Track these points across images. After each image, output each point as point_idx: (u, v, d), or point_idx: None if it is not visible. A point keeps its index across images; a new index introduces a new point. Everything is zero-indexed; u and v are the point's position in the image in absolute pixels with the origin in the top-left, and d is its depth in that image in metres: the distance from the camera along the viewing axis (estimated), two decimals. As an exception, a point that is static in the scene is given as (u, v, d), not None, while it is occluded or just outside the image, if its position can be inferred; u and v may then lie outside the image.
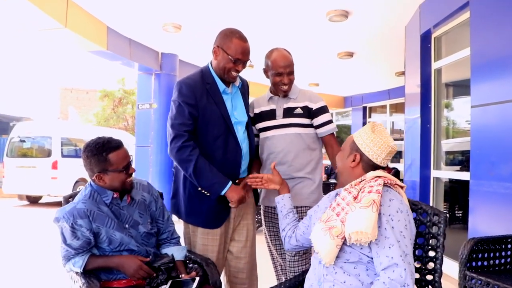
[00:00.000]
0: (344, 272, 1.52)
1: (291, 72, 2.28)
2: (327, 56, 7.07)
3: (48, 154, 10.09)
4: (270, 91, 2.40)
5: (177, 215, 2.27)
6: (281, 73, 2.26)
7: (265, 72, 2.36)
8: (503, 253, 2.47)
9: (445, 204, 4.63)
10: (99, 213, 1.88)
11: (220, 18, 5.12)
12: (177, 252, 2.06)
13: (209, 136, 2.11)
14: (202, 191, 2.10)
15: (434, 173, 4.49)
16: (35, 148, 10.49)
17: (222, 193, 2.06)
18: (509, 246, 2.50)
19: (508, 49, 3.01)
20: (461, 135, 4.78)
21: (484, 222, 3.22)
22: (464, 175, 3.87)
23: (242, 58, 2.08)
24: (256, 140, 2.40)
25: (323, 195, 1.90)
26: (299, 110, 2.31)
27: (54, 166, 9.89)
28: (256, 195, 2.39)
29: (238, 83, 2.25)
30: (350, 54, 6.84)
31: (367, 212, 1.45)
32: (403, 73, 5.48)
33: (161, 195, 2.24)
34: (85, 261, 1.86)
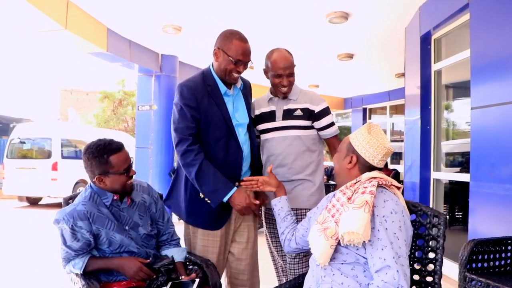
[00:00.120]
0: (342, 274, 1.52)
1: (291, 74, 2.24)
2: (327, 58, 7.08)
3: (48, 156, 10.09)
4: (270, 92, 2.38)
5: (178, 215, 2.27)
6: (281, 75, 2.23)
7: (265, 73, 2.34)
8: (503, 255, 2.47)
9: (445, 206, 4.63)
10: (99, 215, 1.88)
11: (220, 20, 5.13)
12: (177, 254, 2.07)
13: (211, 138, 2.11)
14: (204, 198, 2.09)
15: (434, 175, 4.49)
16: (35, 150, 10.49)
17: (225, 200, 2.03)
18: (509, 248, 2.49)
19: (508, 51, 3.01)
20: (461, 137, 4.78)
21: (484, 224, 3.22)
22: (464, 177, 3.87)
23: (243, 59, 2.08)
24: (258, 141, 2.39)
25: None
26: (299, 112, 2.27)
27: (54, 168, 9.89)
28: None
29: (240, 85, 2.24)
30: (350, 56, 6.85)
31: (360, 213, 1.45)
32: (403, 75, 5.48)
33: (161, 197, 2.24)
34: (85, 263, 1.86)
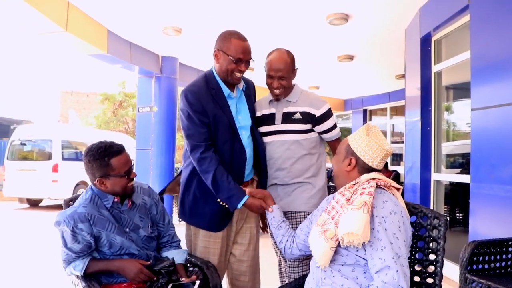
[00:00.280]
0: (342, 276, 1.52)
1: (283, 78, 2.18)
2: (327, 59, 7.08)
3: (49, 157, 10.10)
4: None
5: (181, 216, 2.26)
6: (272, 76, 2.19)
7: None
8: (504, 256, 2.46)
9: (446, 207, 4.63)
10: (100, 217, 1.88)
11: (221, 21, 5.14)
12: (178, 256, 2.07)
13: (218, 140, 2.10)
14: (222, 203, 2.09)
15: (435, 176, 4.49)
16: (36, 151, 10.49)
17: (239, 206, 2.02)
18: (510, 249, 2.49)
19: (508, 52, 3.01)
20: (462, 138, 4.78)
21: (485, 225, 3.22)
22: (465, 178, 3.87)
23: (244, 57, 2.07)
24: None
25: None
26: (298, 116, 2.22)
27: (55, 169, 9.89)
28: None
29: (242, 86, 2.23)
30: (350, 57, 6.85)
31: (358, 214, 1.45)
32: (403, 76, 5.49)
33: (162, 199, 2.24)
34: (86, 265, 1.86)
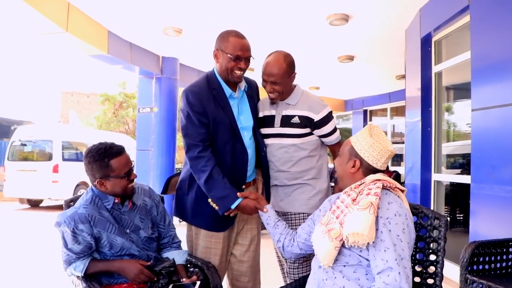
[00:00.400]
0: (344, 277, 1.52)
1: (275, 83, 2.14)
2: (328, 60, 7.08)
3: (49, 158, 10.10)
4: None
5: (180, 217, 2.25)
6: (265, 80, 2.17)
7: None
8: (505, 257, 2.46)
9: (446, 208, 4.63)
10: (100, 218, 1.88)
11: (221, 22, 5.14)
12: (178, 256, 2.07)
13: (219, 142, 2.10)
14: (211, 203, 2.08)
15: (435, 177, 4.49)
16: (36, 152, 10.50)
17: (233, 206, 2.02)
18: (511, 250, 2.49)
19: (509, 52, 3.01)
20: (462, 138, 4.78)
21: (485, 226, 3.22)
22: (465, 179, 3.87)
23: (242, 55, 2.06)
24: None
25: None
26: (296, 120, 2.19)
27: (55, 170, 9.89)
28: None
29: (244, 86, 2.23)
30: (351, 58, 6.85)
31: (364, 214, 1.45)
32: (404, 77, 5.49)
33: (162, 199, 2.24)
34: (86, 265, 1.86)
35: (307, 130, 2.21)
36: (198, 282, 1.89)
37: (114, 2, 4.79)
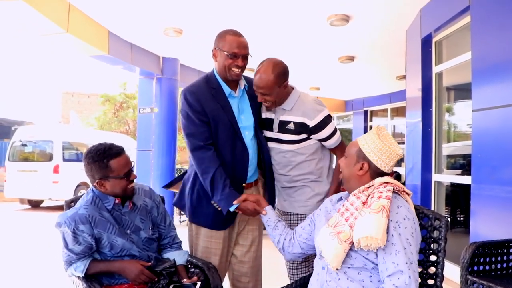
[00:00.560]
0: (348, 278, 1.52)
1: (264, 94, 2.10)
2: (328, 60, 7.08)
3: (50, 158, 10.10)
4: None
5: (181, 209, 2.26)
6: (255, 91, 2.15)
7: None
8: (505, 257, 2.46)
9: (447, 208, 4.62)
10: (101, 219, 1.88)
11: (221, 23, 5.13)
12: (179, 257, 2.07)
13: (220, 140, 2.10)
14: (216, 205, 2.09)
15: (436, 177, 4.49)
16: (37, 152, 10.51)
17: (232, 209, 2.01)
18: (511, 251, 2.49)
19: (509, 53, 3.01)
20: (462, 139, 4.78)
21: (486, 226, 3.21)
22: (466, 179, 3.86)
23: (239, 52, 2.06)
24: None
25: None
26: (292, 126, 2.16)
27: (56, 170, 9.90)
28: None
29: (244, 85, 2.22)
30: (351, 58, 6.85)
31: (377, 218, 1.45)
32: (404, 77, 5.48)
33: (163, 200, 2.24)
34: (87, 266, 1.87)
35: (303, 136, 2.18)
36: (199, 283, 1.89)
37: (115, 3, 4.79)
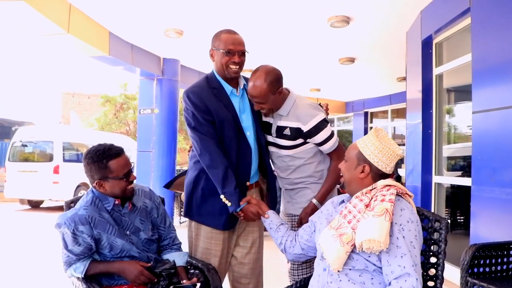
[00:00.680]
0: (349, 280, 1.52)
1: (260, 102, 2.09)
2: (329, 62, 7.09)
3: (50, 159, 10.10)
4: None
5: (188, 216, 2.25)
6: (251, 100, 2.14)
7: None
8: (505, 259, 2.46)
9: (447, 210, 4.62)
10: (101, 220, 1.88)
11: (222, 23, 5.13)
12: (179, 258, 2.06)
13: (225, 138, 2.11)
14: (223, 200, 2.07)
15: (436, 179, 4.48)
16: (37, 153, 10.50)
17: (237, 210, 2.03)
18: (511, 252, 2.49)
19: (509, 55, 3.01)
20: (463, 141, 4.78)
21: (486, 228, 3.21)
22: (466, 181, 3.86)
23: (234, 48, 2.07)
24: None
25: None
26: (288, 131, 2.15)
27: (56, 171, 9.89)
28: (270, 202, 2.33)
29: (243, 84, 2.23)
30: (352, 60, 6.86)
31: (380, 221, 1.44)
32: (405, 79, 5.49)
33: (163, 201, 2.24)
34: (86, 267, 1.86)
35: (300, 141, 2.18)
36: (199, 284, 1.89)
37: (116, 4, 4.80)
